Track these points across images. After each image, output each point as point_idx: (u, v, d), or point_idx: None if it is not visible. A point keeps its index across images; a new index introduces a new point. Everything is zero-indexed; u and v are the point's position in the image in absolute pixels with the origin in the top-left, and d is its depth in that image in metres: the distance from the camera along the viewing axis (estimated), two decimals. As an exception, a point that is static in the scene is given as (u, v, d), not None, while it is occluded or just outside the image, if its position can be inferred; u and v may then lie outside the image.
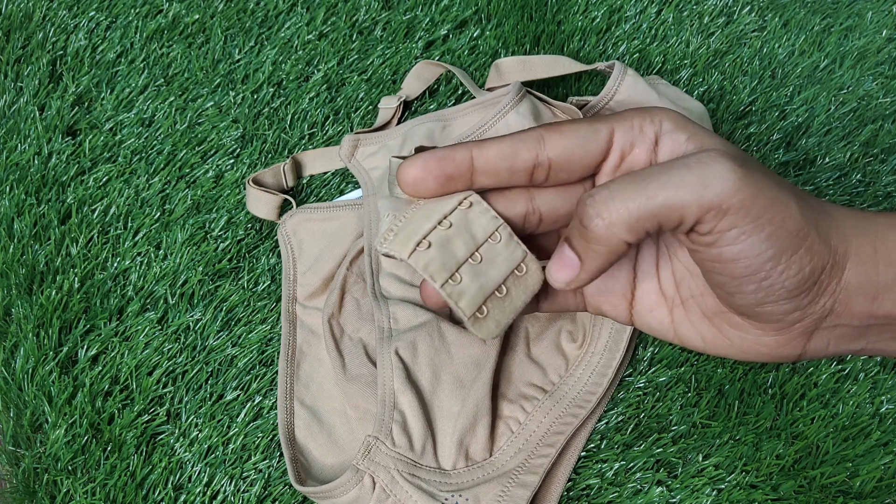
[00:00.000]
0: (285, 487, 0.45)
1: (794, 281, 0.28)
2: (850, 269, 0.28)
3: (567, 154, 0.29)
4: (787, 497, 0.45)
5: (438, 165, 0.29)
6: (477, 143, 0.29)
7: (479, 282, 0.30)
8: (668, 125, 0.29)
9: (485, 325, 0.30)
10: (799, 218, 0.27)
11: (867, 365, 0.50)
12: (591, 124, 0.29)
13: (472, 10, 0.64)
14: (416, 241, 0.29)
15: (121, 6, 0.62)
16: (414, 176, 0.29)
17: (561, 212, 0.31)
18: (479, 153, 0.29)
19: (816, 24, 0.66)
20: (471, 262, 0.30)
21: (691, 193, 0.26)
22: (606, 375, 0.45)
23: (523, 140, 0.29)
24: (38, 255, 0.51)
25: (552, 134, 0.29)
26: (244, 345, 0.49)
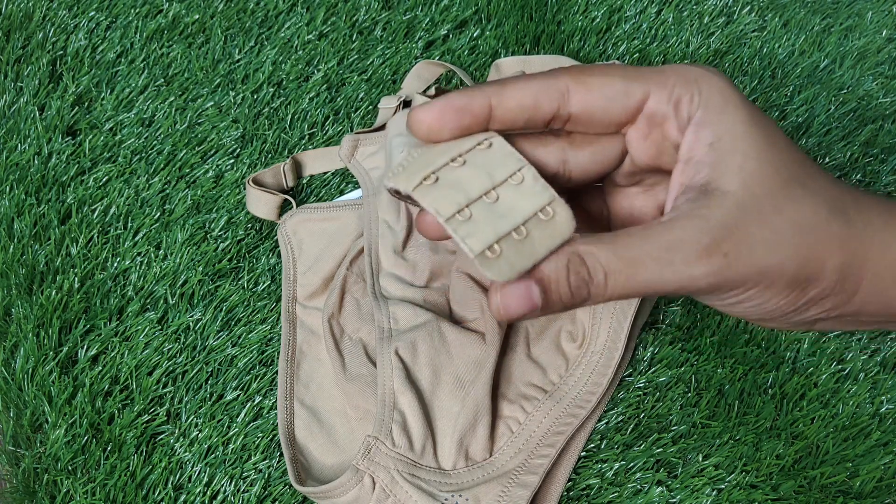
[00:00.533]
0: (285, 487, 0.45)
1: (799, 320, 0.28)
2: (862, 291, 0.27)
3: (590, 111, 0.27)
4: (787, 497, 0.45)
5: (455, 117, 0.27)
6: (497, 88, 0.27)
7: (492, 220, 0.27)
8: (702, 114, 0.26)
9: (496, 264, 0.26)
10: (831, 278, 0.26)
11: (867, 365, 0.50)
12: (625, 80, 0.27)
13: (472, 10, 0.64)
14: (424, 175, 0.27)
15: (121, 6, 0.62)
16: (428, 123, 0.27)
17: (593, 174, 0.30)
18: (498, 103, 0.27)
19: (816, 24, 0.66)
20: (485, 200, 0.27)
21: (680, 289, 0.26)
22: (606, 375, 0.45)
23: (546, 90, 0.27)
24: (38, 255, 0.51)
25: (578, 87, 0.27)
26: (244, 345, 0.49)
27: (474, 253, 0.26)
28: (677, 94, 0.27)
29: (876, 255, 0.27)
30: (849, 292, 0.27)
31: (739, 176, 0.26)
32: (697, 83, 0.27)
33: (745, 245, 0.25)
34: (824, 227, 0.26)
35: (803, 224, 0.26)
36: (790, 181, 0.26)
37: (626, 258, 0.26)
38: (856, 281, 0.27)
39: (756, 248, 0.25)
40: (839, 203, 0.27)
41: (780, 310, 0.27)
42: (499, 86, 0.27)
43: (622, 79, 0.27)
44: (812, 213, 0.26)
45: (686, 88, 0.27)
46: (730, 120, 0.26)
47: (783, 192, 0.26)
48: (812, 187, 0.27)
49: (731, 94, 0.27)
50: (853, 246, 0.26)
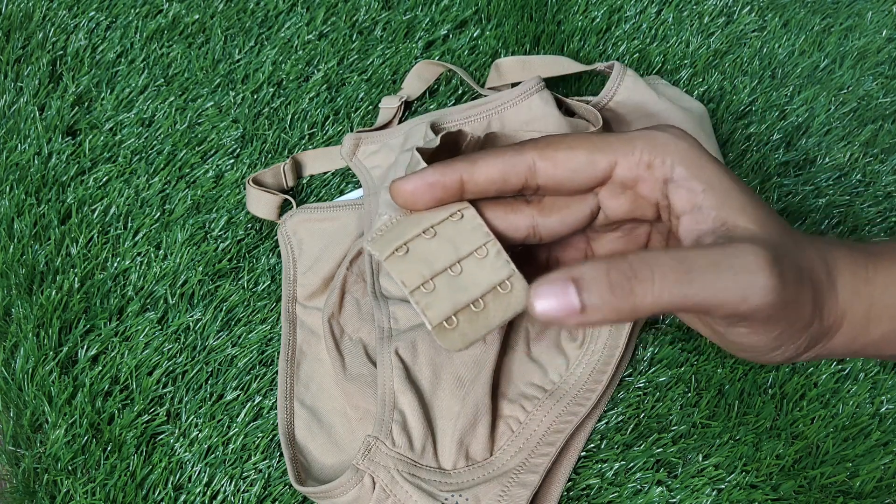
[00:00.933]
0: (285, 487, 0.45)
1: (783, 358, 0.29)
2: (838, 337, 0.29)
3: (557, 182, 0.29)
4: (787, 497, 0.45)
5: (429, 190, 0.29)
6: (468, 165, 0.29)
7: (453, 292, 0.29)
8: (681, 172, 0.27)
9: (449, 336, 0.29)
10: (810, 315, 0.27)
11: (867, 365, 0.50)
12: (590, 153, 0.28)
13: (472, 10, 0.64)
14: (396, 245, 0.30)
15: (121, 6, 0.62)
16: (405, 196, 0.30)
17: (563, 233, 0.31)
18: (469, 177, 0.29)
19: (816, 24, 0.66)
20: (449, 273, 0.29)
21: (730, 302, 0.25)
22: (606, 372, 0.45)
23: (514, 166, 0.29)
24: (38, 255, 0.51)
25: (544, 163, 0.28)
26: (244, 345, 0.49)
27: (432, 325, 0.29)
28: (647, 159, 0.28)
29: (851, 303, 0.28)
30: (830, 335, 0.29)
31: (749, 216, 0.26)
32: (666, 147, 0.28)
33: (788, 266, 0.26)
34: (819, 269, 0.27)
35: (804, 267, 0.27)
36: (786, 228, 0.27)
37: (679, 258, 0.25)
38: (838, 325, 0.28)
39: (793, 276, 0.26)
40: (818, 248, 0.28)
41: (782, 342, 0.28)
42: (469, 163, 0.29)
43: (587, 151, 0.28)
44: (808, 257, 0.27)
45: (655, 153, 0.28)
46: (710, 173, 0.27)
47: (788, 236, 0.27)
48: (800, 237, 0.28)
49: (700, 153, 0.28)
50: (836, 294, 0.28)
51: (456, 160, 0.29)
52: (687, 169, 0.27)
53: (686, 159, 0.27)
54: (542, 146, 0.29)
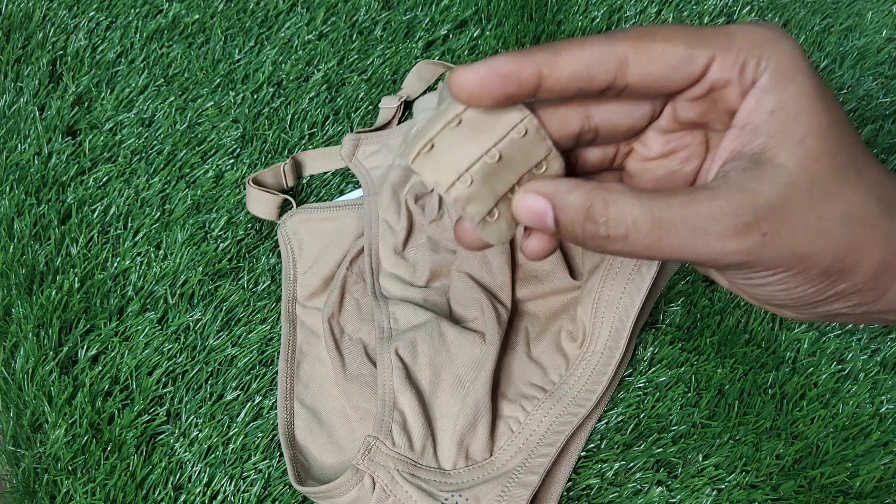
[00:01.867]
0: (285, 487, 0.45)
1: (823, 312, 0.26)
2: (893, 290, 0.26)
3: (650, 81, 0.25)
4: (787, 497, 0.45)
5: (500, 84, 0.24)
6: (548, 55, 0.25)
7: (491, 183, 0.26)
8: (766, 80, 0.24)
9: (492, 228, 0.27)
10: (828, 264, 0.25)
11: (867, 365, 0.50)
12: (689, 47, 0.25)
13: (472, 10, 0.64)
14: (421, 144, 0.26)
15: (121, 6, 0.62)
16: (470, 87, 0.25)
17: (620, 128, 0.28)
18: (549, 72, 0.25)
19: (816, 24, 0.66)
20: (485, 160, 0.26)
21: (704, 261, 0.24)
22: (606, 374, 0.45)
23: (603, 60, 0.25)
24: (38, 255, 0.51)
25: (639, 57, 0.25)
26: (244, 345, 0.49)
27: (474, 221, 0.26)
28: (743, 57, 0.25)
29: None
30: (880, 290, 0.26)
31: (798, 150, 0.24)
32: (766, 46, 0.25)
33: (787, 227, 0.24)
34: (871, 222, 0.25)
35: (851, 215, 0.25)
36: (846, 165, 0.25)
37: (659, 219, 0.24)
38: (889, 280, 0.26)
39: (797, 233, 0.24)
40: (889, 196, 0.25)
41: (805, 298, 0.26)
42: (551, 52, 0.25)
43: (686, 44, 0.25)
44: (862, 204, 0.25)
45: (753, 52, 0.25)
46: (796, 89, 0.25)
47: (838, 176, 0.24)
48: (866, 177, 0.25)
49: (800, 60, 0.25)
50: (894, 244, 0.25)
51: (533, 49, 0.25)
52: (773, 78, 0.25)
53: (779, 65, 0.25)
54: (635, 36, 0.25)
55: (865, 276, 0.25)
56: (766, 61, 0.25)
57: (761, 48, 0.25)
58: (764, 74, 0.25)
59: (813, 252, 0.24)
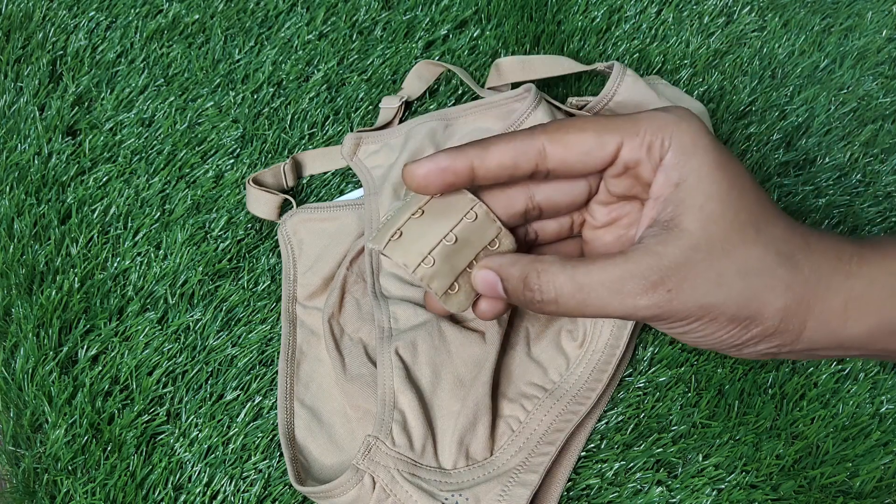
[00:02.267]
0: (285, 487, 0.45)
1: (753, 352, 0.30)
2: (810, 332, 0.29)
3: (568, 166, 0.29)
4: (787, 497, 0.45)
5: (441, 175, 0.30)
6: (480, 149, 0.30)
7: (451, 261, 0.31)
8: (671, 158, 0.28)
9: (455, 300, 0.32)
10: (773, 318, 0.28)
11: (867, 365, 0.50)
12: (599, 135, 0.29)
13: (472, 10, 0.64)
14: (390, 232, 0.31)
15: (121, 6, 0.62)
16: (418, 180, 0.30)
17: (561, 204, 0.32)
18: (480, 163, 0.30)
19: (816, 24, 0.66)
20: (444, 243, 0.31)
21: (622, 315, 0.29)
22: (606, 371, 0.45)
23: (525, 151, 0.29)
24: (38, 255, 0.51)
25: (555, 147, 0.29)
26: (244, 345, 0.49)
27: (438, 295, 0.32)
28: (649, 140, 0.28)
29: (820, 299, 0.28)
30: (794, 332, 0.29)
31: (699, 216, 0.28)
32: (669, 128, 0.28)
33: (690, 283, 0.27)
34: (769, 273, 0.28)
35: (749, 268, 0.28)
36: (746, 225, 0.28)
37: (580, 284, 0.28)
38: (800, 322, 0.28)
39: (699, 287, 0.27)
40: (790, 248, 0.28)
41: (727, 342, 0.29)
42: (481, 148, 0.30)
43: (595, 133, 0.29)
44: (760, 258, 0.28)
45: (657, 134, 0.28)
46: (696, 163, 0.28)
47: (737, 235, 0.28)
48: (766, 232, 0.28)
49: (700, 138, 0.28)
50: (797, 291, 0.28)
51: (467, 145, 0.30)
52: (674, 156, 0.28)
53: (681, 144, 0.28)
54: (552, 130, 0.29)
55: (774, 321, 0.28)
56: (668, 141, 0.28)
57: (664, 130, 0.28)
58: (668, 153, 0.28)
59: (716, 303, 0.28)
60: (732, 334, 0.29)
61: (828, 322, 0.28)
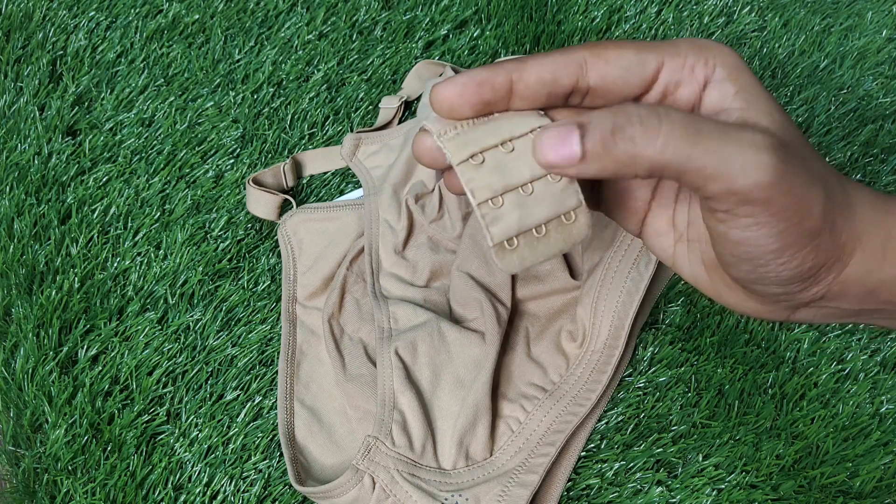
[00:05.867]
0: (285, 487, 0.45)
1: (791, 273, 0.28)
2: (852, 265, 0.28)
3: (608, 83, 0.28)
4: (787, 497, 0.45)
5: (477, 91, 0.27)
6: (517, 63, 0.28)
7: (520, 213, 0.28)
8: (721, 72, 0.28)
9: (508, 256, 0.28)
10: (818, 219, 0.27)
11: (867, 365, 0.50)
12: (639, 52, 0.28)
13: (472, 10, 0.64)
14: (472, 151, 0.27)
15: (121, 6, 0.62)
16: (451, 99, 0.27)
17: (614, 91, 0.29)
18: (518, 77, 0.27)
19: (816, 24, 0.66)
20: (520, 192, 0.28)
21: (729, 173, 0.25)
22: (606, 372, 0.45)
23: (565, 64, 0.27)
24: (38, 255, 0.51)
25: (596, 60, 0.28)
26: (244, 345, 0.49)
27: (493, 241, 0.27)
28: (691, 61, 0.28)
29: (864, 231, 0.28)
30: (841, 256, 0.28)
31: (770, 119, 0.27)
32: (710, 50, 0.28)
33: (796, 163, 0.26)
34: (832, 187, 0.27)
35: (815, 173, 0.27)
36: (805, 142, 0.27)
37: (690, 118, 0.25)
38: (850, 246, 0.28)
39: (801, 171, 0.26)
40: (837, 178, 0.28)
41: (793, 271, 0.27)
42: (519, 62, 0.27)
43: (636, 51, 0.28)
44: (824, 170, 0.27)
45: (699, 56, 0.28)
46: (748, 78, 0.27)
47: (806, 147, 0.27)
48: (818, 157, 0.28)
49: (740, 61, 0.28)
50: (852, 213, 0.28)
51: (503, 61, 0.28)
52: (725, 70, 0.28)
53: (727, 63, 0.28)
54: (590, 46, 0.28)
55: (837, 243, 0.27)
56: (713, 60, 0.28)
57: (706, 52, 0.28)
58: (716, 69, 0.27)
59: (809, 198, 0.26)
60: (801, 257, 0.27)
61: (868, 258, 0.28)
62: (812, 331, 0.51)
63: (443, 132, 0.27)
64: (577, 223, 0.29)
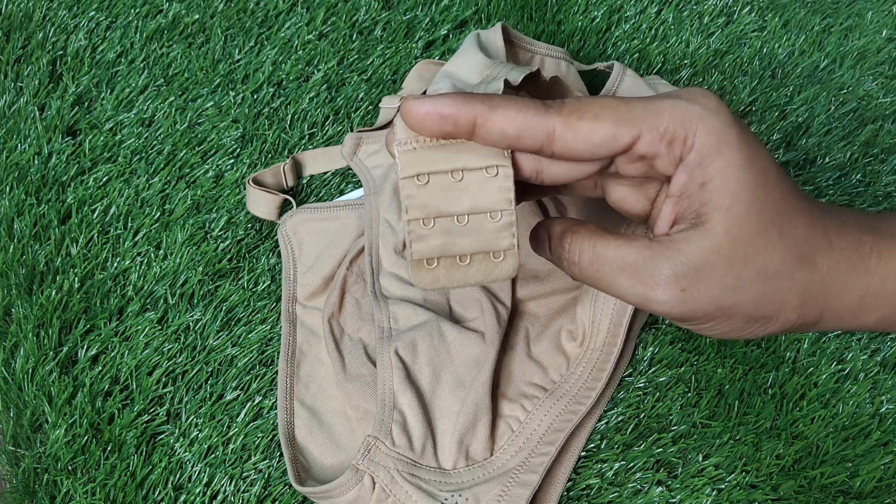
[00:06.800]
0: (285, 487, 0.45)
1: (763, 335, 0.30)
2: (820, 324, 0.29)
3: (574, 154, 0.27)
4: (787, 497, 0.45)
5: (439, 123, 0.27)
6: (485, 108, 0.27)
7: (446, 239, 0.29)
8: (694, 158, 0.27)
9: (422, 273, 0.29)
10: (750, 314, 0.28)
11: (867, 365, 0.50)
12: (616, 126, 0.26)
13: (472, 10, 0.64)
14: (420, 171, 0.28)
15: (121, 6, 0.62)
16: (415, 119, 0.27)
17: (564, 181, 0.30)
18: (482, 123, 0.27)
19: (816, 24, 0.66)
20: (454, 221, 0.29)
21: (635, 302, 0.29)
22: (605, 370, 0.45)
23: (533, 128, 0.27)
24: (38, 255, 0.51)
25: (565, 132, 0.27)
26: (244, 345, 0.49)
27: (412, 258, 0.28)
28: (670, 135, 0.27)
29: (836, 296, 0.28)
30: (808, 325, 0.29)
31: (725, 218, 0.27)
32: (693, 125, 0.27)
33: (705, 285, 0.27)
34: (788, 275, 0.28)
35: (768, 271, 0.27)
36: (770, 226, 0.27)
37: (599, 255, 0.29)
38: (816, 316, 0.29)
39: (714, 290, 0.27)
40: (810, 249, 0.28)
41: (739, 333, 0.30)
42: (489, 106, 0.27)
43: (612, 123, 0.27)
44: (780, 261, 0.27)
45: (679, 131, 0.27)
46: (722, 163, 0.27)
47: (760, 238, 0.27)
48: (788, 234, 0.28)
49: (726, 134, 0.27)
50: (814, 290, 0.28)
51: (478, 98, 0.27)
52: (698, 155, 0.27)
53: (705, 144, 0.27)
54: (566, 112, 0.27)
55: (789, 319, 0.29)
56: (691, 139, 0.27)
57: (686, 127, 0.27)
58: (690, 153, 0.27)
59: (731, 305, 0.28)
60: (748, 331, 0.29)
61: (841, 315, 0.29)
62: (812, 331, 0.51)
63: (404, 142, 0.28)
64: (504, 263, 0.29)
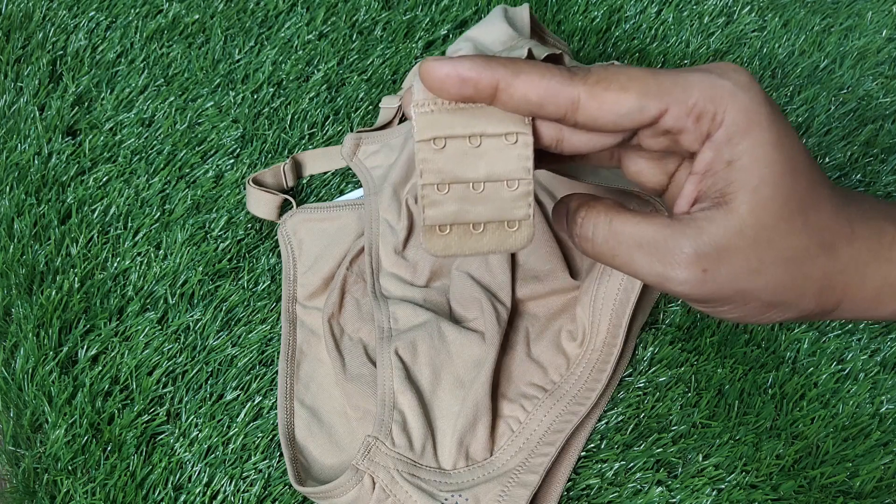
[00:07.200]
0: (285, 487, 0.45)
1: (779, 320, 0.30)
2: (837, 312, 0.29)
3: (598, 125, 0.26)
4: (787, 497, 0.45)
5: (459, 86, 0.26)
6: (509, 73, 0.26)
7: (461, 206, 0.28)
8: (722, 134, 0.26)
9: (435, 240, 0.28)
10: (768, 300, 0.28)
11: (867, 365, 0.50)
12: (642, 97, 0.26)
13: (472, 10, 0.64)
14: (437, 134, 0.27)
15: (121, 6, 0.62)
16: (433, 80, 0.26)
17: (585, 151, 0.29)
18: (505, 87, 0.26)
19: (816, 24, 0.66)
20: (469, 187, 0.28)
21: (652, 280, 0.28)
22: (605, 371, 0.45)
23: (557, 95, 0.26)
24: (38, 255, 0.51)
25: (590, 102, 0.26)
26: (244, 345, 0.49)
27: (425, 223, 0.28)
28: (698, 110, 0.26)
29: (855, 285, 0.28)
30: (825, 313, 0.29)
31: (751, 199, 0.26)
32: (722, 101, 0.26)
33: (727, 267, 0.27)
34: (809, 262, 0.27)
35: (790, 257, 0.27)
36: (795, 212, 0.27)
37: (615, 232, 0.28)
38: (832, 305, 0.28)
39: (736, 272, 0.27)
40: (833, 237, 0.28)
41: (755, 318, 0.29)
42: (512, 68, 0.26)
43: (639, 95, 0.26)
44: (803, 248, 0.27)
45: (708, 106, 0.26)
46: (752, 142, 0.26)
47: (785, 223, 0.27)
48: (812, 220, 0.27)
49: (757, 113, 0.26)
50: (833, 279, 0.28)
51: (501, 62, 0.26)
52: (727, 132, 0.26)
53: (734, 121, 0.26)
54: (592, 81, 0.26)
55: (807, 307, 0.28)
56: (721, 115, 0.26)
57: (717, 103, 0.26)
58: (719, 129, 0.26)
59: (751, 289, 0.27)
60: (764, 316, 0.28)
61: (859, 304, 0.29)
62: (812, 331, 0.51)
63: (421, 103, 0.27)
64: (518, 233, 0.29)
